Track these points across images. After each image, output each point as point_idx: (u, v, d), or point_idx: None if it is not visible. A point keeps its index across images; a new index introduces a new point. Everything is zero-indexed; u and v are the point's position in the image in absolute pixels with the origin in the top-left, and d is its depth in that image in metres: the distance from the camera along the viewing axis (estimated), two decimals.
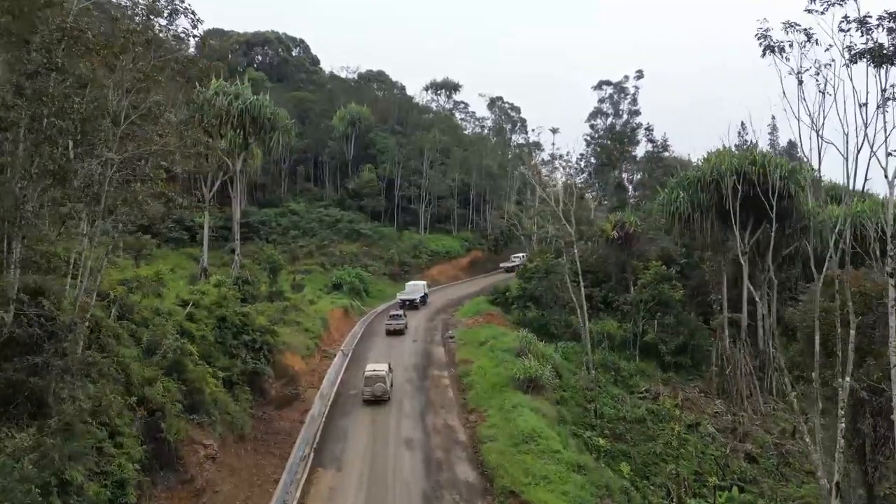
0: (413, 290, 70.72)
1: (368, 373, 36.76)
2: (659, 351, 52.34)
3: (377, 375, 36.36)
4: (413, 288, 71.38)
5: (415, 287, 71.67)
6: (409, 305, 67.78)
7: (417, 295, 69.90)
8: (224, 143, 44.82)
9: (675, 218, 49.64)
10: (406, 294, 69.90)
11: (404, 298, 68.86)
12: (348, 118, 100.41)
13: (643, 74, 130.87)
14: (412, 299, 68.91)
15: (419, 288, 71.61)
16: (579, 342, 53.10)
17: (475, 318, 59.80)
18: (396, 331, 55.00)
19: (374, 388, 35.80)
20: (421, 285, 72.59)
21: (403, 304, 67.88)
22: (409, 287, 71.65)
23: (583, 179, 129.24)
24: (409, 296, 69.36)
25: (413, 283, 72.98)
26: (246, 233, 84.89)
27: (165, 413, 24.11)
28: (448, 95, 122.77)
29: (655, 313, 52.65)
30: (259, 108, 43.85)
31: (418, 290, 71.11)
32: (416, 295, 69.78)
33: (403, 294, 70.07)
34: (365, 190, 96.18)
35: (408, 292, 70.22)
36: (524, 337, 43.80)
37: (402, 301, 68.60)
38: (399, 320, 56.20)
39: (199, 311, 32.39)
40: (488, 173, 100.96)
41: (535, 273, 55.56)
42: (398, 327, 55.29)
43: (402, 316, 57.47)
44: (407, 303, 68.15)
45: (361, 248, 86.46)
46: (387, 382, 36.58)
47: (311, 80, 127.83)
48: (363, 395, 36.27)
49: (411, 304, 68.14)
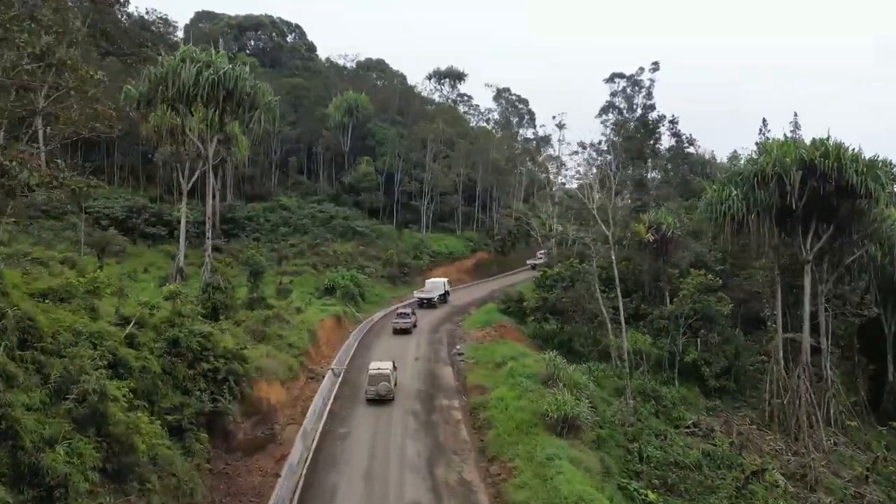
0: (433, 288, 67.28)
1: (372, 371, 35.48)
2: (701, 374, 45.06)
3: (381, 374, 35.04)
4: (433, 285, 67.93)
5: (434, 285, 68.14)
6: (426, 304, 64.55)
7: (436, 293, 66.42)
8: (194, 121, 37.31)
9: (724, 219, 42.23)
10: (425, 292, 66.49)
11: (422, 297, 65.51)
12: (345, 106, 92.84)
13: (659, 66, 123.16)
14: (430, 297, 65.37)
15: (439, 286, 68.15)
16: (608, 362, 45.86)
17: (486, 331, 52.36)
18: (403, 330, 52.56)
19: (378, 388, 34.56)
20: (441, 283, 69.06)
21: (421, 302, 64.77)
22: (428, 284, 68.41)
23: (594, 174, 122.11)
24: (428, 294, 65.94)
25: (433, 281, 69.58)
26: (231, 229, 77.51)
27: (69, 490, 16.66)
28: (453, 85, 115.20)
29: (698, 330, 45.35)
30: (235, 79, 36.24)
31: (438, 287, 67.70)
32: (435, 293, 66.25)
33: (422, 292, 66.71)
34: (362, 184, 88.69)
35: (427, 290, 66.96)
36: (551, 360, 36.31)
37: (419, 300, 65.32)
38: (406, 319, 53.64)
39: (144, 333, 24.83)
40: (495, 168, 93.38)
41: (557, 281, 48.04)
42: (405, 326, 52.79)
43: (410, 315, 54.66)
44: (425, 301, 64.89)
45: (357, 247, 78.91)
46: (391, 381, 35.09)
47: (307, 68, 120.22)
48: (366, 395, 34.90)
49: (429, 303, 64.79)
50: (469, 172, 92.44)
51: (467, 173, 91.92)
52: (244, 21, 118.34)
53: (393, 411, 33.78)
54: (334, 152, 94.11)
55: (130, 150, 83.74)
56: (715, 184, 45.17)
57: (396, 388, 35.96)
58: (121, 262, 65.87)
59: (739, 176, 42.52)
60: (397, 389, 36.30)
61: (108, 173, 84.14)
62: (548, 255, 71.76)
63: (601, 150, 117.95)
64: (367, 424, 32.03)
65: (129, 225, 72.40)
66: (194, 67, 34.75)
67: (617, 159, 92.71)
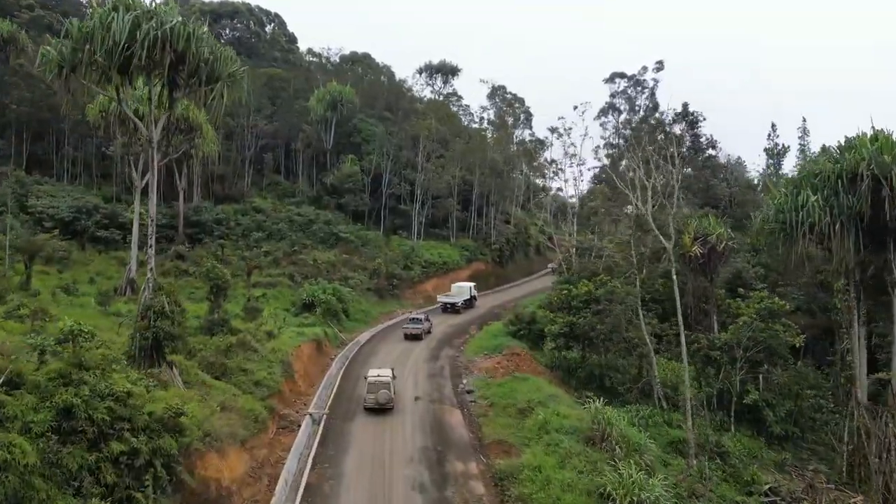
0: (458, 293, 65.70)
1: (371, 379, 33.95)
2: (763, 417, 36.95)
3: (381, 382, 33.53)
4: (458, 290, 66.24)
5: (460, 289, 66.38)
6: (450, 309, 63.20)
7: (461, 298, 64.81)
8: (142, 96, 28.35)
9: (797, 230, 34.22)
10: (449, 297, 64.84)
11: (446, 301, 63.95)
12: (328, 99, 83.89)
13: (664, 66, 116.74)
14: (453, 303, 63.86)
15: (465, 290, 66.23)
16: (648, 401, 37.64)
17: (495, 359, 43.93)
18: (413, 335, 51.15)
19: (377, 396, 32.99)
20: (467, 287, 66.94)
21: (444, 307, 63.56)
22: (454, 289, 66.73)
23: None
24: (452, 299, 64.32)
25: (459, 285, 67.67)
26: (196, 233, 68.19)
27: None
28: (445, 80, 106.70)
29: (758, 364, 37.29)
30: (188, 38, 27.39)
31: (463, 292, 65.92)
32: (459, 298, 64.65)
33: (446, 296, 65.06)
34: (346, 185, 79.78)
35: (453, 294, 65.34)
36: (598, 412, 27.87)
37: (442, 304, 63.89)
38: (418, 325, 52.09)
39: (18, 399, 15.91)
40: (493, 170, 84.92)
41: (587, 303, 39.56)
42: (415, 332, 51.40)
43: (422, 320, 53.07)
44: (448, 306, 63.53)
45: (340, 256, 69.97)
46: (391, 389, 33.51)
47: (287, 60, 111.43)
48: (365, 403, 33.33)
49: (452, 308, 63.48)
50: (465, 174, 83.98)
51: (462, 175, 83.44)
52: (219, 7, 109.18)
53: (393, 483, 25.09)
54: (315, 150, 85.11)
55: (83, 142, 74.01)
56: (785, 186, 37.13)
57: (396, 392, 34.24)
58: (64, 270, 56.43)
59: (817, 177, 34.52)
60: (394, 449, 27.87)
61: (57, 168, 74.33)
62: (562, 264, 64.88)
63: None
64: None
65: (78, 227, 62.76)
66: (129, 18, 25.84)
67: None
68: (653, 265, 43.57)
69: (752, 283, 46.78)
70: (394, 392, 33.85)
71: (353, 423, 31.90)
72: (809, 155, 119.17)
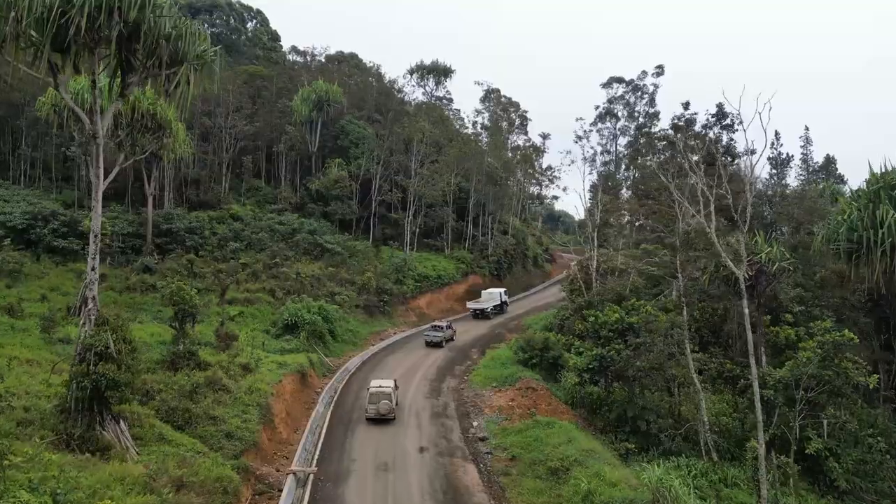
0: (488, 299, 65.84)
1: (373, 389, 33.64)
2: (824, 468, 31.53)
3: (382, 392, 33.22)
4: (488, 296, 66.40)
5: (490, 295, 66.59)
6: (480, 315, 63.83)
7: (491, 304, 65.22)
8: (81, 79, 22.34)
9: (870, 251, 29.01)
10: (479, 302, 65.21)
11: (475, 308, 64.40)
12: (314, 99, 77.78)
13: (664, 71, 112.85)
14: (483, 308, 64.28)
15: (495, 296, 66.54)
16: (692, 450, 32.06)
17: (508, 393, 38.26)
18: (434, 343, 51.74)
19: (378, 406, 32.83)
20: (497, 293, 67.33)
21: (475, 314, 64.11)
22: (484, 295, 66.86)
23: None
24: (482, 305, 64.69)
25: (489, 291, 67.88)
26: (166, 244, 61.66)
27: None
28: (438, 82, 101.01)
29: (823, 407, 31.86)
30: (141, 6, 21.39)
31: (493, 298, 66.24)
32: (489, 304, 65.03)
33: (475, 302, 65.43)
34: (333, 191, 73.72)
35: (483, 301, 65.51)
36: (659, 482, 22.17)
37: (472, 311, 64.42)
38: (438, 332, 52.59)
39: None
40: (490, 177, 79.26)
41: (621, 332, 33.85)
42: (436, 339, 52.07)
43: (444, 328, 53.54)
44: (478, 312, 64.04)
45: (326, 268, 63.81)
46: (393, 400, 33.36)
47: (269, 59, 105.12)
48: (367, 413, 33.12)
49: (482, 314, 63.98)
50: (460, 181, 78.29)
51: (458, 182, 77.74)
52: (196, 1, 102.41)
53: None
54: (299, 153, 78.89)
55: (41, 142, 67.21)
56: (859, 199, 31.90)
57: (398, 403, 34.74)
58: (14, 285, 49.72)
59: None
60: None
61: (14, 170, 67.44)
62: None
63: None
64: None
65: (33, 236, 56.07)
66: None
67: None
68: (693, 288, 38.03)
69: (788, 306, 41.57)
70: (396, 402, 33.95)
71: (347, 486, 25.88)
72: (812, 165, 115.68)
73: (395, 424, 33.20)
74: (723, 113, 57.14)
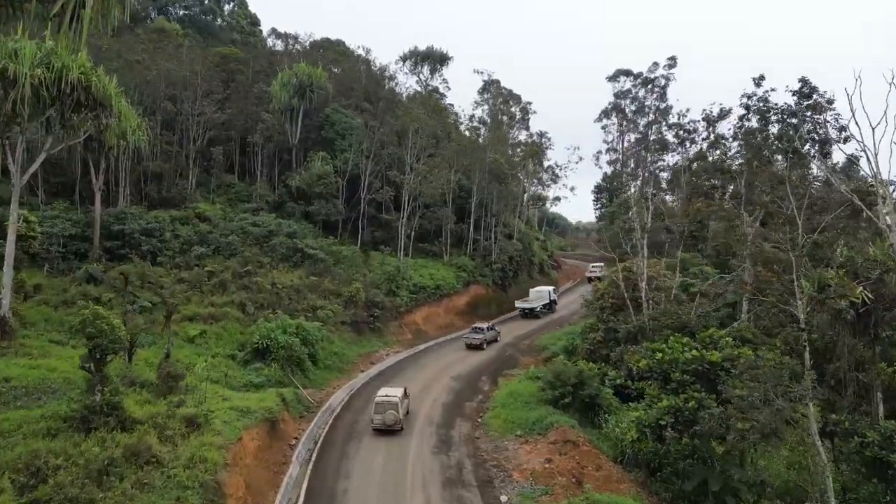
0: (536, 297, 64.40)
1: (379, 398, 31.76)
2: None
3: (389, 402, 31.36)
4: (537, 295, 64.85)
5: (539, 294, 65.03)
6: (528, 314, 63.14)
7: (540, 303, 63.97)
8: None
9: None
10: (527, 302, 63.84)
11: (524, 307, 63.31)
12: (295, 84, 68.54)
13: (676, 62, 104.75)
14: (532, 308, 63.20)
15: (543, 295, 64.98)
16: None
17: (538, 446, 29.77)
18: (475, 346, 50.77)
19: (384, 416, 31.06)
20: (546, 291, 65.87)
21: (523, 313, 63.31)
22: (532, 293, 65.28)
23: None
24: (531, 304, 63.48)
25: (538, 290, 66.28)
26: (118, 247, 52.06)
27: None
28: (433, 69, 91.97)
29: None
30: None
31: (542, 297, 64.76)
32: (538, 303, 63.81)
33: (524, 302, 63.98)
34: (316, 188, 64.44)
35: (531, 299, 64.19)
36: None
37: (521, 310, 63.44)
38: (478, 334, 51.54)
39: None
40: (493, 174, 70.42)
41: (703, 375, 25.14)
42: (476, 342, 50.98)
43: (485, 329, 52.38)
44: (527, 311, 63.23)
45: (307, 277, 54.52)
46: (399, 410, 31.40)
47: (247, 43, 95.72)
48: (372, 424, 31.49)
49: (531, 313, 63.14)
50: (460, 179, 69.44)
51: (458, 180, 68.88)
52: None
53: None
54: (278, 145, 69.55)
55: None
56: None
57: (409, 412, 33.31)
58: None
59: None
60: None
61: None
62: (605, 266, 64.66)
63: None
64: None
65: None
66: None
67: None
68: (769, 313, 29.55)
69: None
70: (405, 412, 32.68)
71: None
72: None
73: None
74: (809, 89, 45.37)
